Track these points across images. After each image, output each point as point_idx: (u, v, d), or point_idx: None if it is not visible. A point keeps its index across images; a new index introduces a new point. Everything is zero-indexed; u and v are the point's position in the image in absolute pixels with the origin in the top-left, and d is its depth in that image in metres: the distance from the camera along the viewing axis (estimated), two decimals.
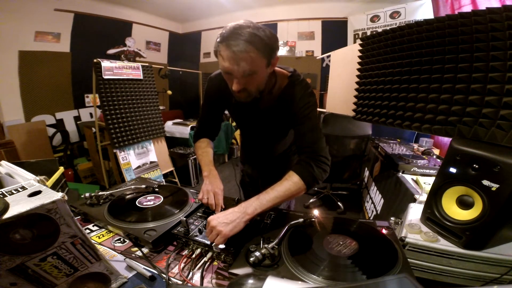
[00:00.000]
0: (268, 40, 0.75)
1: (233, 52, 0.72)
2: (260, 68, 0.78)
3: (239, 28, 0.73)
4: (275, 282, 0.36)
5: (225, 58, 0.75)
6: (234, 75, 0.78)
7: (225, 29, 0.75)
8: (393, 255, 0.64)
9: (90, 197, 0.96)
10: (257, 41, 0.73)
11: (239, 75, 0.77)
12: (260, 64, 0.77)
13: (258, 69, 0.78)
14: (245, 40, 0.71)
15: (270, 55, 0.78)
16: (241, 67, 0.75)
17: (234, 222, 0.72)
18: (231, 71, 0.77)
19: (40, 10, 3.41)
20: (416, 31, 1.26)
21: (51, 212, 0.46)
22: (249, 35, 0.72)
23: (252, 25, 0.75)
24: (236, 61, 0.74)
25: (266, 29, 0.77)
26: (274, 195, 0.81)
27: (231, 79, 0.81)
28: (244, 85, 0.80)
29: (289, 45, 4.68)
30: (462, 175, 0.81)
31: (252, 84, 0.81)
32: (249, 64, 0.75)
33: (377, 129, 2.60)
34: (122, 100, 2.72)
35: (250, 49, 0.72)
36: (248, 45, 0.72)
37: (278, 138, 1.14)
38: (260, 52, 0.75)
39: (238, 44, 0.71)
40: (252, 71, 0.77)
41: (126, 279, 0.64)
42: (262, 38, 0.74)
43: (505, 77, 0.89)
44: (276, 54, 0.81)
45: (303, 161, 0.89)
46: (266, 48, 0.76)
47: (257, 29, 0.74)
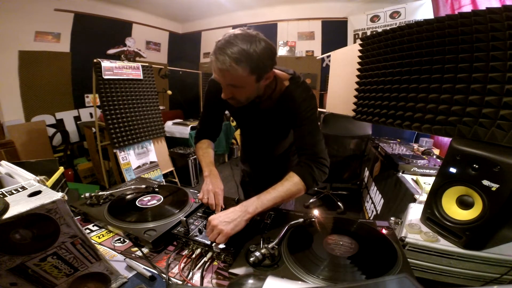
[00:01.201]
0: (257, 58, 0.73)
1: (218, 68, 0.74)
2: (247, 83, 0.79)
3: (231, 41, 0.72)
4: (275, 282, 0.36)
5: (213, 69, 0.78)
6: (222, 85, 0.82)
7: (220, 40, 0.74)
8: (393, 255, 0.64)
9: (90, 197, 0.96)
10: (245, 59, 0.71)
11: (225, 86, 0.81)
12: (246, 80, 0.77)
13: (244, 84, 0.79)
14: (232, 58, 0.71)
15: (259, 71, 0.76)
16: (225, 80, 0.78)
17: (235, 221, 0.72)
18: (218, 81, 0.82)
19: (40, 10, 3.41)
20: (416, 31, 1.26)
21: (51, 212, 0.46)
22: (237, 52, 0.71)
23: (247, 37, 0.73)
24: (221, 74, 0.77)
25: (262, 44, 0.74)
26: (275, 195, 0.82)
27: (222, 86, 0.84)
28: (231, 94, 0.83)
29: (289, 45, 4.68)
30: (462, 175, 0.81)
31: (240, 95, 0.83)
32: (233, 80, 0.77)
33: (377, 129, 2.60)
34: (122, 100, 2.72)
35: (234, 67, 0.72)
36: (232, 63, 0.71)
37: (279, 139, 1.15)
38: (247, 70, 0.74)
39: (224, 61, 0.71)
40: (237, 85, 0.79)
41: (126, 279, 0.64)
42: (251, 55, 0.72)
43: (505, 77, 0.89)
44: (269, 69, 0.80)
45: (303, 162, 0.91)
46: (255, 67, 0.74)
47: (250, 44, 0.72)
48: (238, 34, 0.73)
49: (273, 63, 0.80)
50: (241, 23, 4.95)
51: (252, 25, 4.87)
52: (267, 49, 0.76)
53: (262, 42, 0.74)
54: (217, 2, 4.41)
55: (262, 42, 0.74)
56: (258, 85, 0.82)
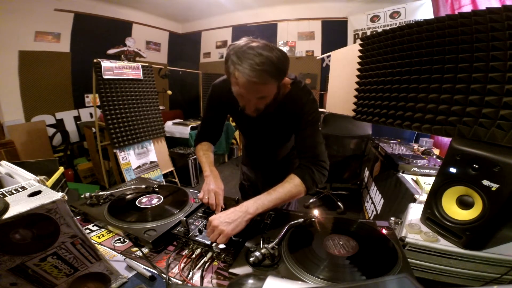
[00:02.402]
0: (280, 64, 0.75)
1: (249, 81, 0.73)
2: (272, 90, 0.81)
3: (253, 51, 0.71)
4: (275, 282, 0.36)
5: (240, 84, 0.75)
6: (247, 99, 0.82)
7: (236, 49, 0.73)
8: (393, 255, 0.64)
9: (90, 197, 0.96)
10: (271, 68, 0.72)
11: (253, 99, 0.81)
12: (272, 88, 0.80)
13: (271, 92, 0.81)
14: (260, 70, 0.71)
15: (282, 77, 0.80)
16: (255, 94, 0.79)
17: (236, 221, 0.72)
18: (246, 96, 0.80)
19: (40, 10, 3.41)
20: (416, 31, 1.26)
21: (51, 212, 0.46)
22: (265, 62, 0.71)
23: (265, 46, 0.73)
24: (251, 89, 0.76)
25: (277, 49, 0.75)
26: (276, 196, 0.82)
27: (243, 100, 0.84)
28: (255, 106, 0.84)
29: (289, 45, 4.68)
30: (462, 175, 0.81)
31: (263, 104, 0.85)
32: (264, 92, 0.78)
33: (377, 129, 2.60)
34: (122, 100, 2.72)
35: (265, 79, 0.73)
36: (263, 74, 0.72)
37: (281, 143, 1.16)
38: (274, 78, 0.76)
39: (254, 74, 0.71)
40: (265, 96, 0.80)
41: (126, 279, 0.64)
42: (275, 63, 0.73)
43: (505, 77, 0.89)
44: (287, 73, 0.82)
45: (304, 165, 0.92)
46: (279, 73, 0.76)
47: (271, 51, 0.72)
48: (252, 44, 0.73)
49: (288, 67, 0.81)
50: (241, 23, 4.96)
51: (252, 25, 4.88)
52: (284, 54, 0.77)
53: (276, 49, 0.76)
54: (217, 2, 4.41)
55: (276, 48, 0.76)
56: (276, 90, 0.84)
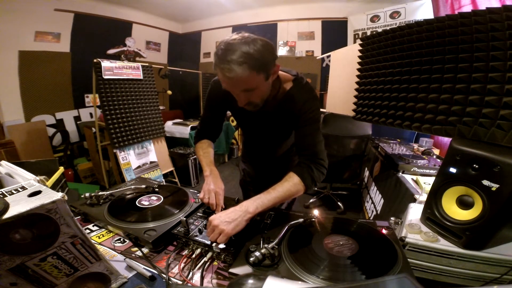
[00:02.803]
0: (260, 56, 0.73)
1: (226, 76, 0.74)
2: (259, 83, 0.79)
3: (231, 47, 0.72)
4: (275, 282, 0.36)
5: (222, 80, 0.78)
6: (235, 93, 0.82)
7: (218, 49, 0.74)
8: (393, 255, 0.64)
9: (90, 197, 0.96)
10: (250, 61, 0.72)
11: (239, 93, 0.81)
12: (257, 81, 0.78)
13: (257, 85, 0.79)
14: (237, 63, 0.71)
15: (265, 68, 0.77)
16: (238, 87, 0.78)
17: (236, 221, 0.72)
18: (232, 91, 0.81)
19: (40, 10, 3.41)
20: (416, 31, 1.26)
21: (51, 212, 0.46)
22: (241, 55, 0.71)
23: (243, 39, 0.73)
24: (231, 83, 0.77)
25: (258, 41, 0.74)
26: (275, 195, 0.82)
27: (234, 95, 0.84)
28: (247, 99, 0.83)
29: (289, 45, 4.68)
30: (462, 175, 0.81)
31: (255, 97, 0.84)
32: (245, 84, 0.77)
33: (377, 129, 2.60)
34: (122, 100, 2.72)
35: (243, 72, 0.72)
36: (240, 68, 0.71)
37: (281, 140, 1.15)
38: (255, 71, 0.74)
39: (231, 68, 0.71)
40: (250, 88, 0.79)
41: (126, 279, 0.64)
42: (253, 55, 0.72)
43: (505, 77, 0.89)
44: (273, 64, 0.80)
45: (303, 163, 0.92)
46: (260, 65, 0.75)
47: (248, 45, 0.72)
48: (234, 39, 0.74)
49: (275, 57, 0.80)
50: (241, 23, 4.95)
51: (252, 25, 4.88)
52: (265, 45, 0.76)
53: (258, 41, 0.75)
54: (217, 2, 4.41)
55: (258, 40, 0.75)
56: (268, 83, 0.83)
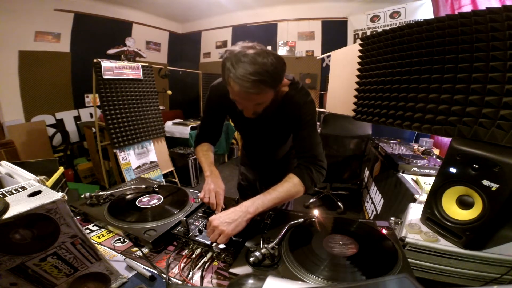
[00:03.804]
0: (276, 72, 0.74)
1: (244, 92, 0.73)
2: (269, 97, 0.82)
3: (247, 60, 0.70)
4: (275, 282, 0.36)
5: (235, 93, 0.77)
6: (244, 105, 0.83)
7: (231, 56, 0.72)
8: (393, 255, 0.64)
9: (90, 197, 0.96)
10: (266, 78, 0.72)
11: (250, 106, 0.82)
12: (268, 95, 0.80)
13: (267, 99, 0.82)
14: (255, 80, 0.70)
15: (278, 84, 0.79)
16: (252, 102, 0.80)
17: (236, 221, 0.72)
18: (242, 103, 0.83)
19: (40, 10, 3.41)
20: (416, 31, 1.26)
21: (51, 212, 0.46)
22: (259, 72, 0.70)
23: (259, 51, 0.72)
24: (247, 98, 0.77)
25: (272, 56, 0.73)
26: (275, 195, 0.83)
27: (240, 105, 0.85)
28: (254, 110, 0.85)
29: (289, 45, 4.68)
30: (462, 175, 0.81)
31: (261, 108, 0.86)
32: (260, 100, 0.79)
33: (377, 129, 2.60)
34: (122, 100, 2.72)
35: (260, 89, 0.73)
36: (258, 84, 0.72)
37: (279, 143, 1.16)
38: (269, 87, 0.76)
39: (249, 85, 0.71)
40: (262, 103, 0.81)
41: (126, 279, 0.64)
42: (270, 72, 0.72)
43: (505, 77, 0.89)
44: (283, 78, 0.81)
45: (302, 165, 0.92)
46: (274, 81, 0.76)
47: (266, 58, 0.71)
48: (246, 51, 0.72)
49: (284, 72, 0.81)
50: (241, 23, 4.96)
51: (252, 25, 4.88)
52: (280, 60, 0.76)
53: (271, 55, 0.74)
54: (217, 2, 4.41)
55: (271, 55, 0.74)
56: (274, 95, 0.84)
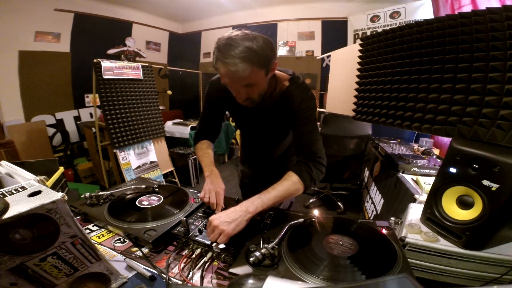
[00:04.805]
0: (263, 52, 0.75)
1: (230, 71, 0.74)
2: (259, 78, 0.80)
3: (233, 42, 0.73)
4: (275, 282, 0.36)
5: (223, 75, 0.78)
6: (235, 89, 0.82)
7: (219, 43, 0.75)
8: (393, 255, 0.64)
9: (90, 197, 0.96)
10: (252, 56, 0.73)
11: (240, 88, 0.81)
12: (258, 76, 0.79)
13: (258, 80, 0.80)
14: (241, 58, 0.72)
15: (267, 64, 0.79)
16: (240, 82, 0.78)
17: (236, 221, 0.72)
18: (232, 86, 0.82)
19: (40, 10, 3.41)
20: (416, 31, 1.26)
21: (51, 212, 0.46)
22: (244, 50, 0.72)
23: (245, 35, 0.74)
24: (234, 78, 0.77)
25: (259, 38, 0.76)
26: (275, 194, 0.82)
27: (233, 90, 0.85)
28: (246, 95, 0.84)
29: (289, 45, 4.68)
30: (462, 175, 0.81)
31: (254, 92, 0.84)
32: (248, 79, 0.77)
33: (377, 129, 2.60)
34: (122, 100, 2.72)
35: (246, 66, 0.73)
36: (244, 62, 0.72)
37: (279, 140, 1.16)
38: (256, 66, 0.75)
39: (235, 63, 0.72)
40: (251, 83, 0.80)
41: (126, 279, 0.64)
42: (256, 51, 0.73)
43: (505, 77, 0.89)
44: (273, 60, 0.82)
45: (301, 162, 0.92)
46: (261, 60, 0.76)
47: (251, 41, 0.73)
48: (236, 34, 0.75)
49: (274, 54, 0.82)
50: (241, 23, 4.95)
51: (252, 25, 4.88)
52: (266, 41, 0.78)
53: (259, 37, 0.76)
54: (217, 2, 4.41)
55: (259, 37, 0.76)
56: (267, 79, 0.84)
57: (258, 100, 0.88)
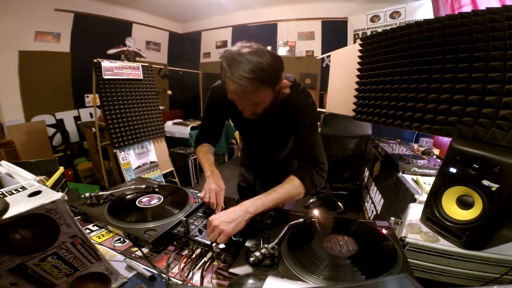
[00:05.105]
0: (273, 71, 0.74)
1: (239, 90, 0.73)
2: (267, 97, 0.81)
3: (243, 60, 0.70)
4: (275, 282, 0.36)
5: (232, 91, 0.77)
6: (242, 105, 0.83)
7: (228, 57, 0.73)
8: (393, 255, 0.64)
9: (90, 197, 0.96)
10: (261, 76, 0.71)
11: (247, 105, 0.82)
12: (266, 95, 0.79)
13: (265, 99, 0.81)
14: (249, 79, 0.70)
15: (275, 83, 0.79)
16: (248, 101, 0.79)
17: (236, 221, 0.72)
18: (238, 102, 0.82)
19: (40, 10, 3.41)
20: (416, 31, 1.26)
21: (51, 212, 0.46)
22: (254, 69, 0.70)
23: (255, 51, 0.72)
24: (243, 97, 0.77)
25: (269, 55, 0.74)
26: (276, 196, 0.83)
27: (238, 105, 0.85)
28: (252, 111, 0.84)
29: (289, 45, 4.68)
30: (462, 175, 0.81)
31: (260, 108, 0.85)
32: (257, 99, 0.78)
33: (377, 129, 2.60)
34: (122, 100, 2.72)
35: (256, 87, 0.73)
36: (254, 83, 0.71)
37: (280, 145, 1.16)
38: (265, 85, 0.75)
39: (244, 83, 0.71)
40: (260, 102, 0.81)
41: (126, 279, 0.64)
42: (265, 70, 0.71)
43: (505, 77, 0.89)
44: (281, 77, 0.81)
45: (303, 167, 0.92)
46: (271, 79, 0.75)
47: (262, 57, 0.71)
48: (242, 51, 0.72)
49: (283, 70, 0.81)
50: (241, 23, 4.96)
51: (252, 25, 4.88)
52: (276, 59, 0.76)
53: (267, 53, 0.74)
54: (217, 2, 4.41)
55: (267, 53, 0.74)
56: (273, 95, 0.84)
57: (262, 113, 0.88)
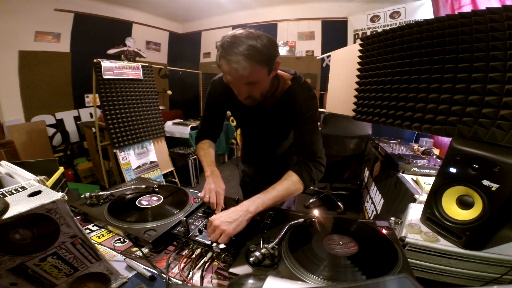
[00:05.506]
0: (266, 50, 0.76)
1: (233, 68, 0.75)
2: (262, 77, 0.81)
3: (237, 40, 0.74)
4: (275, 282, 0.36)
5: (226, 72, 0.78)
6: (237, 86, 0.82)
7: (223, 41, 0.76)
8: (393, 255, 0.64)
9: (90, 197, 0.96)
10: (256, 54, 0.74)
11: (242, 86, 0.81)
12: (261, 74, 0.79)
13: (260, 79, 0.81)
14: (244, 56, 0.73)
15: (270, 63, 0.80)
16: (242, 80, 0.79)
17: (237, 221, 0.72)
18: (234, 84, 0.82)
19: (40, 10, 3.41)
20: (416, 31, 1.26)
21: (51, 212, 0.46)
22: (247, 48, 0.73)
23: (250, 34, 0.75)
24: (237, 75, 0.77)
25: (263, 37, 0.77)
26: (275, 194, 0.83)
27: (235, 88, 0.85)
28: (248, 93, 0.84)
29: (289, 45, 4.68)
30: (462, 175, 0.81)
31: (256, 91, 0.84)
32: (250, 77, 0.78)
33: (377, 129, 2.60)
34: (122, 100, 2.72)
35: (249, 64, 0.74)
36: (247, 60, 0.73)
37: (280, 139, 1.16)
38: (259, 64, 0.76)
39: (238, 60, 0.73)
40: (253, 81, 0.80)
41: (126, 279, 0.64)
42: (260, 49, 0.74)
43: (505, 77, 0.89)
44: (276, 60, 0.82)
45: (301, 161, 0.92)
46: (265, 58, 0.77)
47: (255, 39, 0.74)
48: (241, 33, 0.75)
49: (277, 53, 0.82)
50: (241, 23, 4.95)
51: (252, 25, 4.87)
52: (270, 40, 0.78)
53: (263, 36, 0.77)
54: (217, 2, 4.41)
55: (263, 36, 0.77)
56: (269, 78, 0.84)
57: (260, 98, 0.88)
